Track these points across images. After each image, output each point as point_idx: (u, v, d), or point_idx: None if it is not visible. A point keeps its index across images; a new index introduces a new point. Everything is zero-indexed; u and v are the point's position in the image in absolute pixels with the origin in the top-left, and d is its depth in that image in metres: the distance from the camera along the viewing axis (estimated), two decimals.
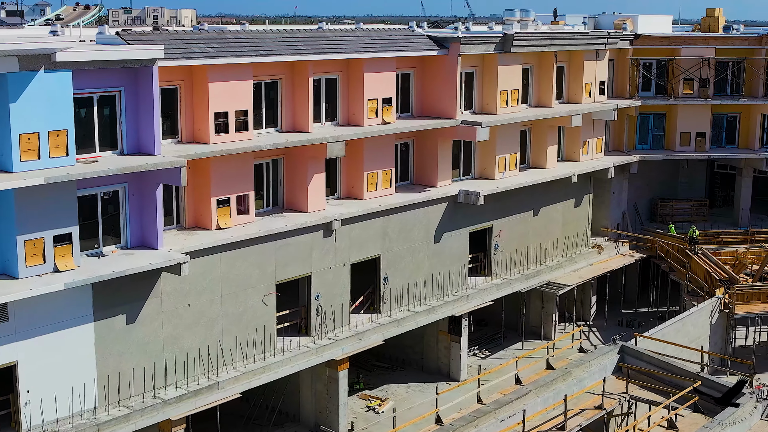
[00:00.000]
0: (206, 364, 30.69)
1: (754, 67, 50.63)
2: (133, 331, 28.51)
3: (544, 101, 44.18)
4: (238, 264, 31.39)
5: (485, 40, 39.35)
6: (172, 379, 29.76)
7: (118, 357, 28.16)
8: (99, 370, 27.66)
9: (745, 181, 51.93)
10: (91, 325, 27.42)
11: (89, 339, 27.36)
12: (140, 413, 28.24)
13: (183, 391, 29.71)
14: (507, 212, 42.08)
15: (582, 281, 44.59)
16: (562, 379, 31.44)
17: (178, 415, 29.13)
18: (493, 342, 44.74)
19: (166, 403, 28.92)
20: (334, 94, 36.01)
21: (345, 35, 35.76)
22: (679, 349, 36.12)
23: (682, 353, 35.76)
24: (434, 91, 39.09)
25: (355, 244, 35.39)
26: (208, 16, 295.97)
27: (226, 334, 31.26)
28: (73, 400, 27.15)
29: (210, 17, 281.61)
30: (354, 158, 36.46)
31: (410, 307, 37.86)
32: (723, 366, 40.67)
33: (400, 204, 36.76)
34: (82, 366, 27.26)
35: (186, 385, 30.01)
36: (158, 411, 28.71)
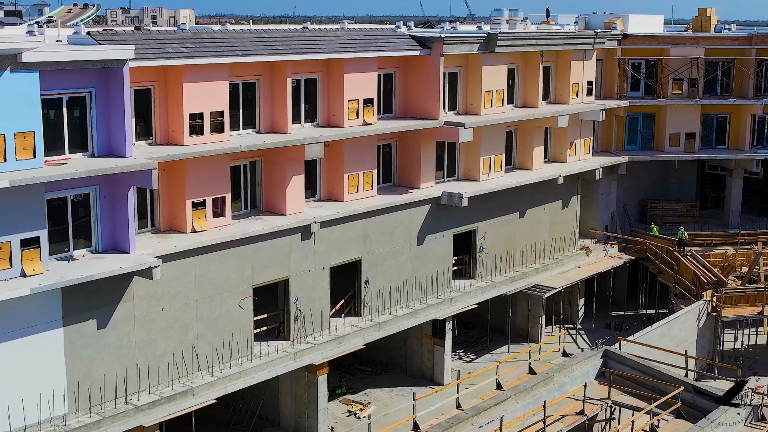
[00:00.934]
0: (180, 369, 30.19)
1: (744, 67, 50.11)
2: (105, 336, 28.02)
3: (530, 102, 43.68)
4: (213, 267, 30.90)
5: (468, 40, 38.89)
6: (145, 385, 29.28)
7: (88, 362, 27.68)
8: (69, 376, 27.18)
9: (736, 182, 51.42)
10: (60, 330, 26.93)
11: (58, 344, 26.86)
12: (111, 420, 27.77)
13: (156, 397, 29.23)
14: (492, 214, 41.60)
15: (569, 284, 44.10)
16: (543, 384, 30.97)
17: (150, 421, 28.65)
18: (479, 345, 44.25)
19: (138, 409, 28.43)
20: (314, 95, 35.53)
21: (325, 35, 35.30)
22: (664, 354, 35.69)
23: (667, 357, 35.33)
24: (417, 92, 38.61)
25: (335, 247, 34.90)
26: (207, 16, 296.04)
27: (201, 338, 30.78)
28: (42, 407, 26.66)
29: (210, 17, 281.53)
30: (334, 160, 35.99)
31: (392, 311, 37.36)
32: (710, 370, 40.27)
33: (381, 206, 36.28)
34: (51, 372, 26.77)
35: (159, 391, 29.53)
36: (130, 417, 28.23)
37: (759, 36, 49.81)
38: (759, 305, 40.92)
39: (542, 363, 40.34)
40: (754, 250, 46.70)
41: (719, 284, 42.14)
